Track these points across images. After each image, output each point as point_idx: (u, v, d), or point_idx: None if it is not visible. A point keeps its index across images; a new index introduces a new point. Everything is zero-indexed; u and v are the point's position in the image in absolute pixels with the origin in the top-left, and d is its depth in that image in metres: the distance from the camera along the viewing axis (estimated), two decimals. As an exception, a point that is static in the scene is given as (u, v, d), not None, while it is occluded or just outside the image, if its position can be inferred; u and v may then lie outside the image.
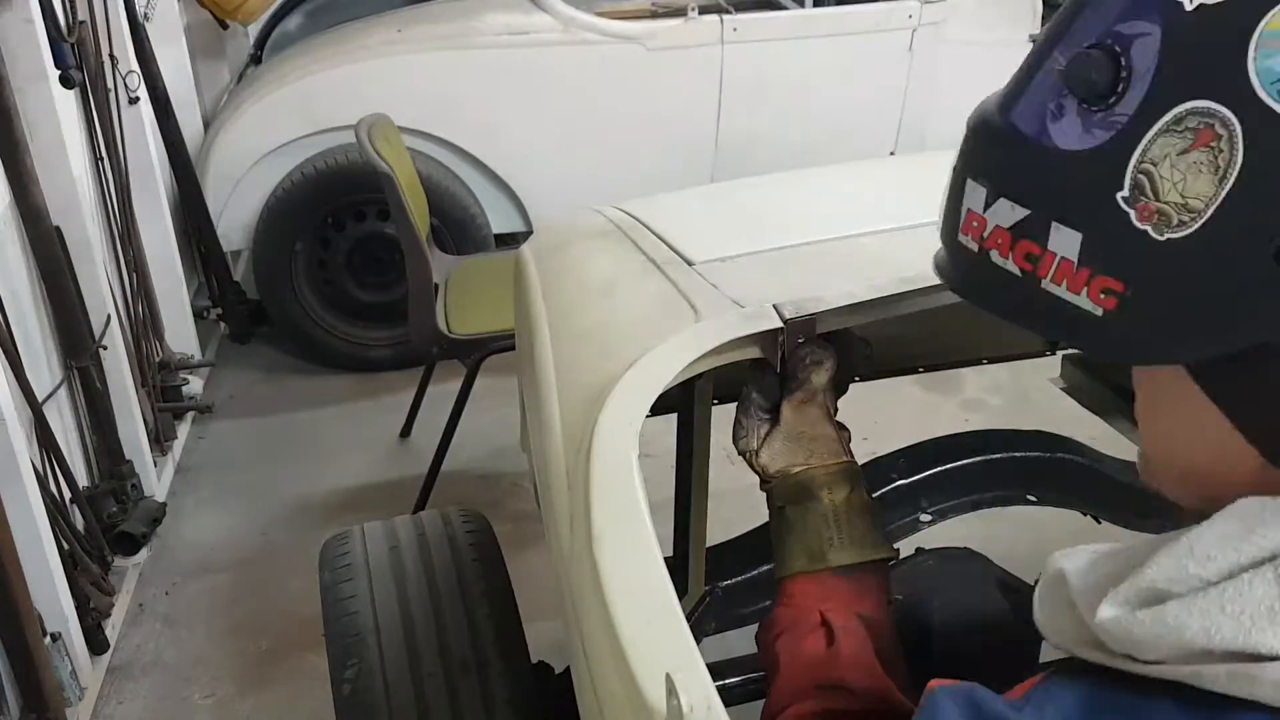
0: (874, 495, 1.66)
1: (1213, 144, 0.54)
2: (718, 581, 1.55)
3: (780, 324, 1.08)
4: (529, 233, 3.49)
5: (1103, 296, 0.59)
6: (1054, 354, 1.94)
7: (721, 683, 1.41)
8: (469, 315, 2.83)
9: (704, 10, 3.49)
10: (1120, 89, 0.58)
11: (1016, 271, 0.64)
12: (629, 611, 0.84)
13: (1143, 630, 0.55)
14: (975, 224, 0.67)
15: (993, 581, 1.25)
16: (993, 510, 1.80)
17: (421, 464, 2.87)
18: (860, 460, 1.71)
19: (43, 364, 2.42)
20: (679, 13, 3.52)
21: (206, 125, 3.80)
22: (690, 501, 1.41)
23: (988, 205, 0.66)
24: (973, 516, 1.80)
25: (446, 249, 3.37)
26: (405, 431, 3.25)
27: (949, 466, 1.79)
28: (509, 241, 3.61)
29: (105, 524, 2.60)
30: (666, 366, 1.05)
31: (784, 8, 3.92)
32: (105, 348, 2.57)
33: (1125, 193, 0.57)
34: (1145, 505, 1.79)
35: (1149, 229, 0.56)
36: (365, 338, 3.60)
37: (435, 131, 3.43)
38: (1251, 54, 0.53)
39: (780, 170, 1.90)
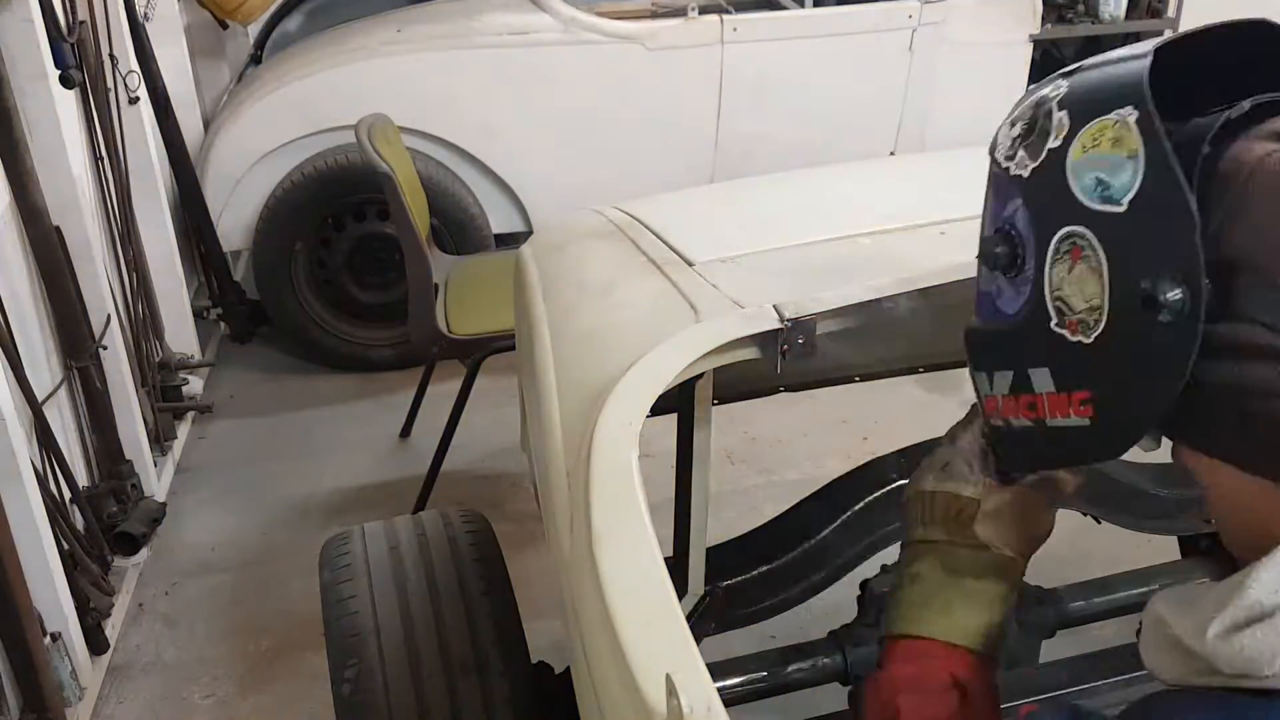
0: (874, 495, 1.67)
1: (1084, 253, 0.71)
2: (718, 581, 1.55)
3: (780, 324, 1.08)
4: (529, 233, 3.50)
5: (1082, 408, 0.74)
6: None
7: (721, 683, 1.41)
8: (469, 315, 2.83)
9: (704, 10, 3.49)
10: (1021, 252, 0.77)
11: (1030, 424, 0.80)
12: (629, 611, 0.84)
13: (1255, 645, 0.61)
14: (993, 405, 0.84)
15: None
16: (993, 510, 1.80)
17: (421, 464, 2.87)
18: (860, 460, 1.72)
19: (43, 364, 2.42)
20: (679, 13, 3.52)
21: (206, 125, 3.80)
22: (690, 501, 1.41)
23: (991, 384, 0.84)
24: (973, 517, 1.80)
25: (446, 249, 3.37)
26: (405, 431, 3.25)
27: (949, 466, 1.78)
28: (509, 241, 3.60)
29: (105, 524, 2.60)
30: (666, 366, 1.05)
31: (784, 8, 3.92)
32: (105, 348, 2.57)
33: (1055, 320, 0.74)
34: (1146, 506, 1.79)
35: (1081, 338, 0.72)
36: (365, 338, 3.60)
37: (435, 131, 3.43)
38: (1072, 182, 0.72)
39: (780, 170, 1.90)
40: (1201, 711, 0.63)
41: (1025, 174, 0.77)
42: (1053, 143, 0.74)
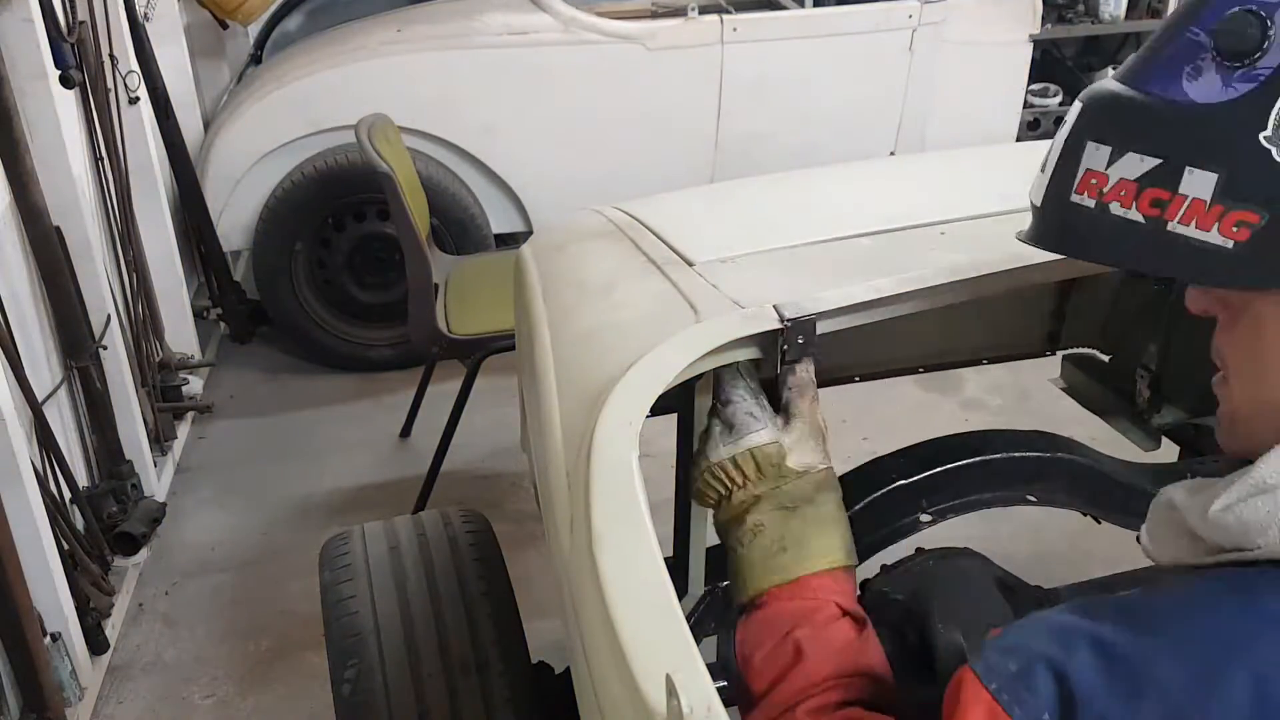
0: (874, 495, 1.67)
1: None
2: (718, 581, 1.55)
3: (780, 324, 1.08)
4: (529, 233, 3.50)
5: (1235, 230, 0.66)
6: (1054, 354, 1.94)
7: (721, 683, 1.41)
8: (469, 315, 2.83)
9: (704, 10, 3.49)
10: (1265, 45, 0.66)
11: (1140, 219, 0.70)
12: (629, 611, 0.84)
13: (1254, 513, 0.64)
14: (1094, 181, 0.74)
15: (993, 581, 1.25)
16: (993, 510, 1.80)
17: (421, 464, 2.87)
18: (860, 460, 1.72)
19: (43, 364, 2.42)
20: (679, 13, 3.52)
21: (206, 125, 3.80)
22: (690, 501, 1.41)
23: (1111, 162, 0.73)
24: (973, 516, 1.80)
25: (446, 249, 3.37)
26: (405, 431, 3.25)
27: (949, 466, 1.78)
28: (509, 241, 3.61)
29: (105, 524, 2.60)
30: (666, 366, 1.05)
31: (784, 8, 3.92)
32: (105, 348, 2.57)
33: (1268, 132, 0.65)
34: (1145, 506, 1.79)
35: None
36: (365, 338, 3.60)
37: (435, 131, 3.43)
38: None
39: (780, 170, 1.90)
40: (1205, 582, 0.65)
41: None
42: None
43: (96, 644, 2.36)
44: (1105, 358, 1.88)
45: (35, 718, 2.06)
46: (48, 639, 2.13)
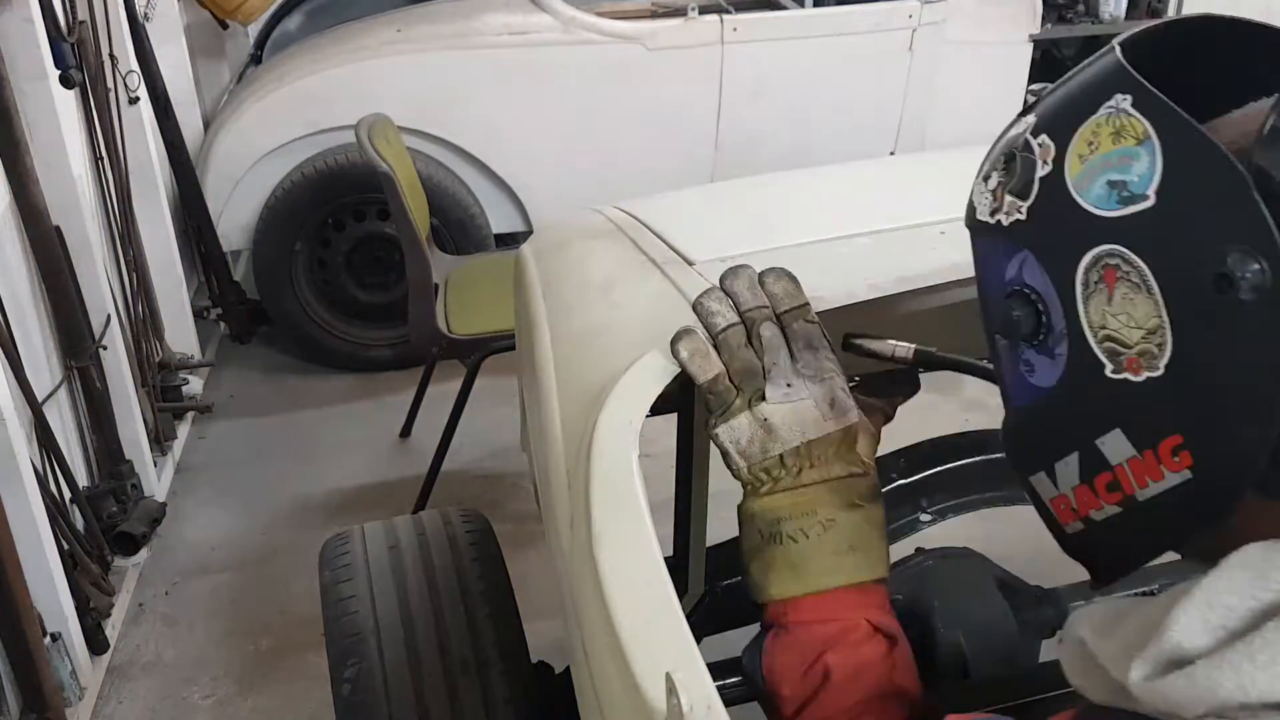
0: (874, 495, 1.67)
1: (1120, 273, 0.62)
2: (718, 581, 1.55)
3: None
4: (529, 233, 3.50)
5: (1176, 459, 0.62)
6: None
7: (721, 683, 1.41)
8: (469, 315, 2.83)
9: (704, 10, 3.49)
10: (1043, 307, 0.68)
11: (1118, 509, 0.67)
12: (629, 611, 0.84)
13: (1177, 694, 0.56)
14: (1064, 507, 0.72)
15: (993, 581, 1.25)
16: (993, 510, 1.80)
17: (421, 464, 2.87)
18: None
19: (43, 364, 2.42)
20: (679, 13, 3.52)
21: (206, 125, 3.80)
22: (690, 501, 1.41)
23: (1055, 483, 0.71)
24: (973, 516, 1.80)
25: (446, 249, 3.37)
26: (405, 431, 3.25)
27: (949, 466, 1.78)
28: (509, 241, 3.61)
29: (105, 524, 2.60)
30: (667, 366, 1.05)
31: (784, 8, 3.92)
32: (105, 348, 2.57)
33: (1110, 367, 0.64)
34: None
35: (1149, 374, 0.61)
36: (365, 338, 3.60)
37: (435, 131, 3.43)
38: (1080, 199, 0.64)
39: (780, 170, 1.90)
40: None
41: (1022, 216, 0.68)
42: (1041, 171, 0.67)
43: (96, 644, 2.36)
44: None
45: (35, 718, 2.06)
46: (48, 639, 2.13)
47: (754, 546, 0.91)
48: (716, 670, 0.84)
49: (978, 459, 1.81)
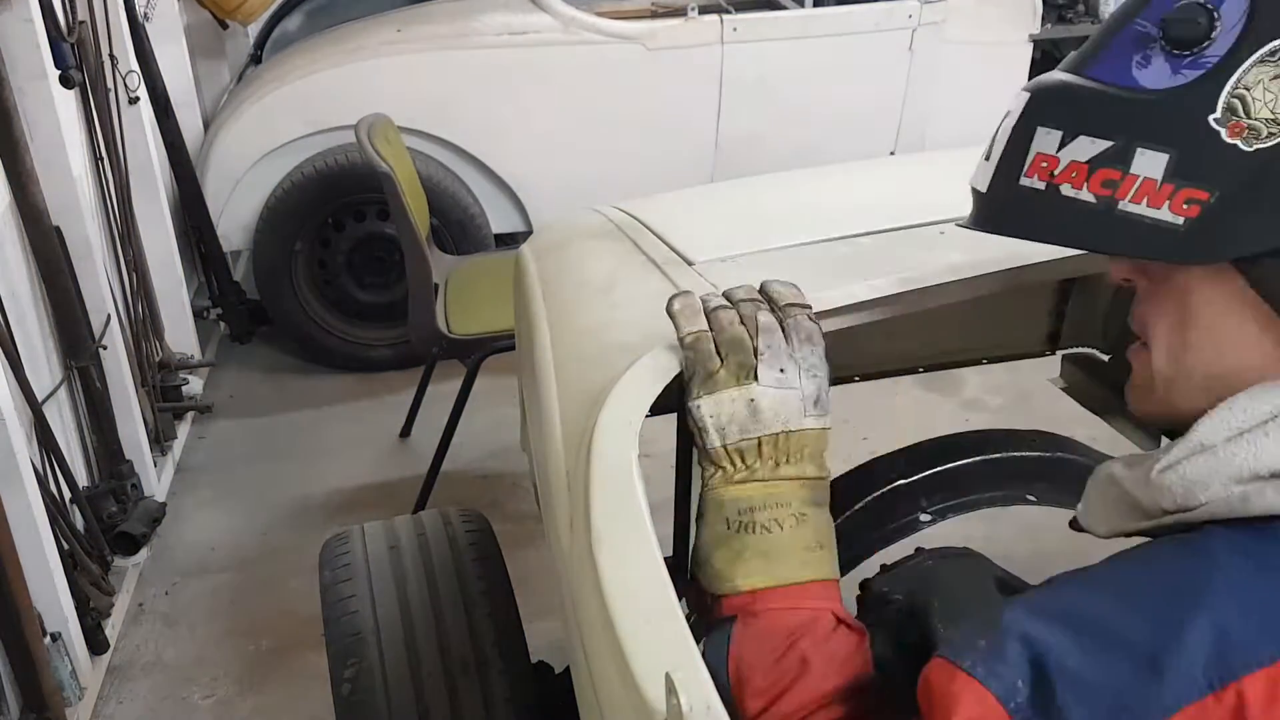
0: (874, 495, 1.67)
1: None
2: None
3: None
4: (529, 233, 3.50)
5: (1186, 207, 0.69)
6: (1054, 354, 1.94)
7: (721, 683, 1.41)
8: (469, 315, 2.83)
9: (704, 10, 3.49)
10: (1214, 35, 0.70)
11: (1091, 199, 0.73)
12: (629, 611, 0.84)
13: (1196, 470, 0.67)
14: (1044, 164, 0.76)
15: (993, 581, 1.25)
16: (993, 510, 1.80)
17: (421, 464, 2.87)
18: (860, 460, 1.72)
19: (43, 364, 2.42)
20: (679, 13, 3.52)
21: (206, 125, 3.80)
22: (690, 501, 1.41)
23: (1063, 145, 0.75)
24: (973, 516, 1.80)
25: (446, 249, 3.37)
26: (405, 431, 3.25)
27: (949, 466, 1.78)
28: (509, 241, 3.61)
29: (105, 524, 2.60)
30: (667, 366, 1.05)
31: (784, 8, 3.92)
32: (105, 348, 2.57)
33: (1217, 114, 0.69)
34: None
35: (1238, 143, 0.68)
36: (365, 338, 3.60)
37: (435, 131, 3.43)
38: None
39: (780, 170, 1.90)
40: (1158, 545, 0.69)
41: None
42: None
43: (96, 644, 2.36)
44: (1105, 358, 1.88)
45: (35, 718, 2.06)
46: (48, 639, 2.13)
47: (719, 535, 0.89)
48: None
49: (978, 459, 1.80)
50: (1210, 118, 0.69)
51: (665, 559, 0.89)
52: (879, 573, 1.50)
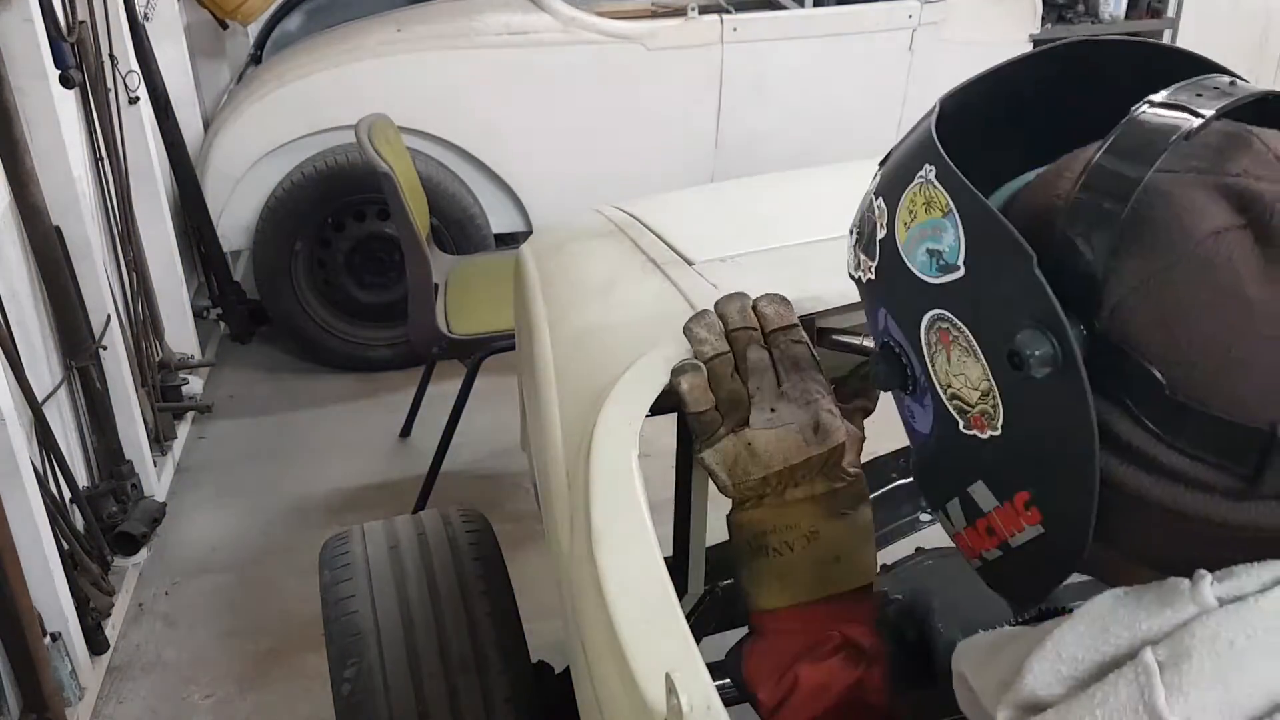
0: (874, 495, 1.67)
1: (952, 336, 0.64)
2: (718, 581, 1.55)
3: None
4: (529, 233, 3.50)
5: (1029, 512, 0.63)
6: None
7: (721, 683, 1.41)
8: (469, 315, 2.83)
9: (704, 10, 3.49)
10: (906, 361, 0.69)
11: (1000, 553, 0.68)
12: (629, 611, 0.84)
13: None
14: (962, 543, 0.72)
15: (993, 581, 1.25)
16: (993, 510, 1.80)
17: (421, 464, 2.87)
18: (860, 460, 1.72)
19: (43, 364, 2.42)
20: (679, 13, 3.52)
21: (206, 125, 3.80)
22: (690, 501, 1.41)
23: (951, 521, 0.72)
24: (973, 516, 1.80)
25: (446, 249, 3.37)
26: (405, 431, 3.25)
27: (949, 466, 1.78)
28: (509, 241, 3.60)
29: (105, 524, 2.60)
30: (666, 366, 1.05)
31: (784, 8, 3.92)
32: (105, 348, 2.57)
33: (961, 423, 0.65)
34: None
35: (991, 432, 0.63)
36: (365, 338, 3.60)
37: (435, 131, 3.43)
38: (910, 264, 0.66)
39: (781, 170, 1.90)
40: None
41: (873, 276, 0.71)
42: (880, 233, 0.70)
43: (96, 644, 2.36)
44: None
45: (35, 718, 2.06)
46: (48, 639, 2.13)
47: (741, 557, 0.93)
48: (716, 670, 0.84)
49: (978, 459, 1.80)
50: (961, 429, 0.66)
51: (665, 559, 0.90)
52: (879, 573, 1.50)
